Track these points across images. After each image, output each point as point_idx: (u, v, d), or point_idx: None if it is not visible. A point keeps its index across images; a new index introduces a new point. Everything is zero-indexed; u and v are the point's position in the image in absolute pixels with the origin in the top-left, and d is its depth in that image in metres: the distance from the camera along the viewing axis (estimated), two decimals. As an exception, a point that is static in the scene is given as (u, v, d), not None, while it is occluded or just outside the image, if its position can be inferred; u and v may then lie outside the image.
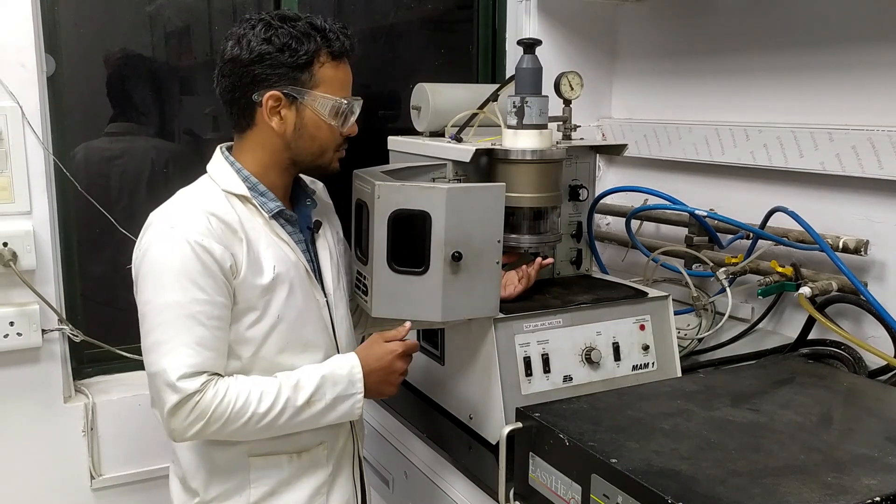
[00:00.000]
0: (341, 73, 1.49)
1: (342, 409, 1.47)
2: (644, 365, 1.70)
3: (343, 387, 1.46)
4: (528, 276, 1.68)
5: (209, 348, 1.38)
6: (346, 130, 1.51)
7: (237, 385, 1.39)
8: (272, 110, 1.45)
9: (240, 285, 1.42)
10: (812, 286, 1.77)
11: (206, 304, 1.38)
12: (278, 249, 1.48)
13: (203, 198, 1.46)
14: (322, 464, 1.57)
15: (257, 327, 1.45)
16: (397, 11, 2.53)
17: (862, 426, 1.34)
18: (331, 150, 1.52)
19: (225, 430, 1.39)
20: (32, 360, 1.98)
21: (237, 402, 1.38)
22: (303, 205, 1.60)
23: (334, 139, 1.51)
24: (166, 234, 1.40)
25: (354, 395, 1.47)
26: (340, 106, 1.48)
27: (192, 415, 1.36)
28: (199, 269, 1.37)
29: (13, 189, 1.89)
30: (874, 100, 1.80)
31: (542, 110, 1.67)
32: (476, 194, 1.50)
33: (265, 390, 1.40)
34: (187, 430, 1.37)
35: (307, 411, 1.43)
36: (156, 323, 1.38)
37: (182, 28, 2.29)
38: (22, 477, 2.02)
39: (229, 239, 1.42)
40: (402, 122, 2.38)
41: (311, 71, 1.45)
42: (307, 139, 1.48)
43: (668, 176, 2.32)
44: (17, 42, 1.86)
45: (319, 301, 1.55)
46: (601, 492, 1.18)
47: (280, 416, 1.41)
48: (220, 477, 1.51)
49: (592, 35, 2.52)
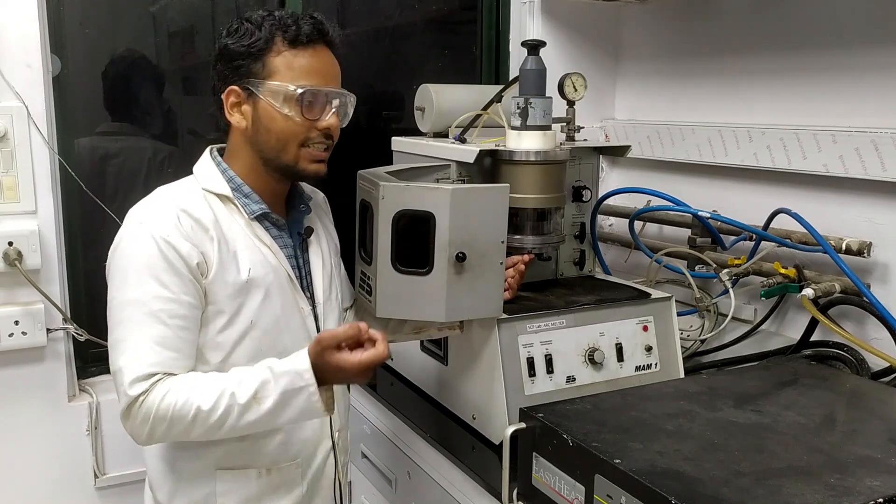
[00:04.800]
0: (301, 60, 1.40)
1: (298, 405, 1.33)
2: (647, 366, 1.70)
3: (289, 379, 1.33)
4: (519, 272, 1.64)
5: (169, 348, 1.33)
6: (322, 123, 1.42)
7: (179, 383, 1.32)
8: (233, 107, 1.43)
9: (210, 285, 1.38)
10: (815, 288, 1.77)
11: (168, 303, 1.33)
12: (256, 252, 1.44)
13: (177, 195, 1.43)
14: (296, 483, 1.51)
15: (228, 332, 1.41)
16: (401, 12, 2.53)
17: (865, 428, 1.34)
18: (293, 145, 1.42)
19: (173, 430, 1.32)
20: (37, 359, 1.99)
21: (178, 401, 1.30)
22: (296, 210, 1.56)
23: (294, 131, 1.41)
24: (135, 230, 1.37)
25: (305, 387, 1.33)
26: (293, 93, 1.38)
27: (139, 417, 1.31)
28: (164, 267, 1.33)
29: (18, 188, 1.90)
30: (877, 102, 1.80)
31: (545, 111, 1.67)
32: (480, 195, 1.51)
33: (207, 388, 1.32)
34: (140, 432, 1.32)
35: (256, 408, 1.32)
36: (118, 320, 1.35)
37: (186, 28, 2.29)
38: (26, 475, 2.03)
39: (199, 237, 1.38)
40: (405, 123, 2.38)
41: (265, 60, 1.40)
42: (264, 133, 1.42)
43: (672, 177, 2.32)
44: (22, 42, 1.87)
45: (304, 309, 1.50)
46: (605, 492, 1.19)
47: (228, 412, 1.31)
48: (185, 489, 1.47)
49: (596, 36, 2.52)
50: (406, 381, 1.99)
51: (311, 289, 1.54)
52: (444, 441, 1.75)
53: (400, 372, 2.04)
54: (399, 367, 2.05)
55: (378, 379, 2.09)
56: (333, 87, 1.45)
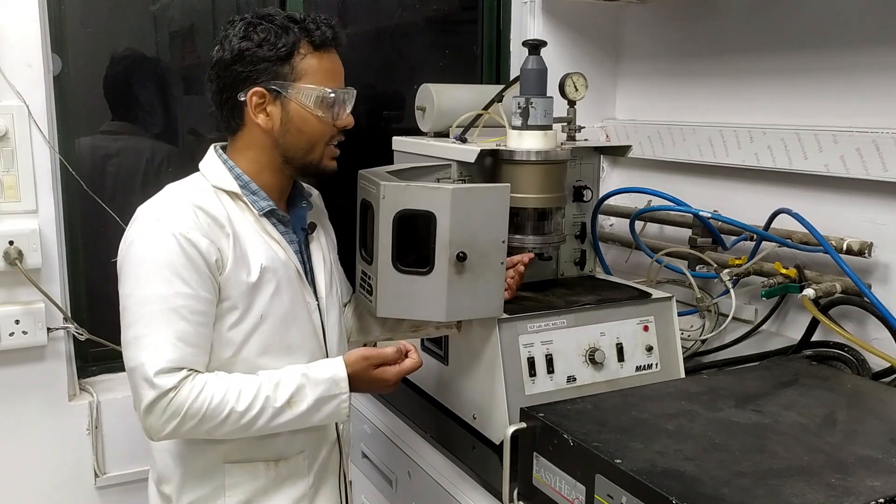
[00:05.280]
0: (326, 63, 1.46)
1: (327, 410, 1.42)
2: (647, 366, 1.70)
3: (325, 387, 1.42)
4: (519, 273, 1.65)
5: (190, 344, 1.35)
6: (341, 122, 1.49)
7: (215, 381, 1.36)
8: (257, 107, 1.44)
9: (225, 281, 1.40)
10: (816, 288, 1.77)
11: (189, 299, 1.35)
12: (267, 247, 1.46)
13: (191, 192, 1.45)
14: (302, 474, 1.53)
15: (239, 328, 1.43)
16: (402, 12, 2.53)
17: (866, 428, 1.34)
18: (321, 145, 1.48)
19: (201, 427, 1.35)
20: (37, 358, 1.99)
21: (213, 398, 1.34)
22: (298, 206, 1.58)
23: (324, 132, 1.47)
24: (152, 226, 1.38)
25: (339, 395, 1.43)
26: (326, 95, 1.45)
27: (168, 412, 1.32)
28: (184, 263, 1.35)
29: (19, 188, 1.90)
30: (878, 102, 1.80)
31: (546, 111, 1.67)
32: (481, 195, 1.51)
33: (244, 388, 1.36)
34: (163, 427, 1.34)
35: (288, 412, 1.39)
36: (137, 316, 1.35)
37: (186, 27, 2.29)
38: (26, 475, 2.03)
39: (216, 233, 1.40)
40: (406, 123, 2.38)
41: (293, 63, 1.43)
42: (294, 133, 1.46)
43: (672, 177, 2.32)
44: (23, 41, 1.87)
45: (310, 304, 1.52)
46: (605, 492, 1.19)
47: (260, 415, 1.36)
48: (194, 482, 1.48)
49: (597, 36, 2.52)
50: (406, 381, 1.99)
51: (315, 284, 1.56)
52: (445, 441, 1.75)
53: (400, 372, 2.04)
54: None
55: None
56: (349, 87, 1.51)
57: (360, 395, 2.11)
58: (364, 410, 2.12)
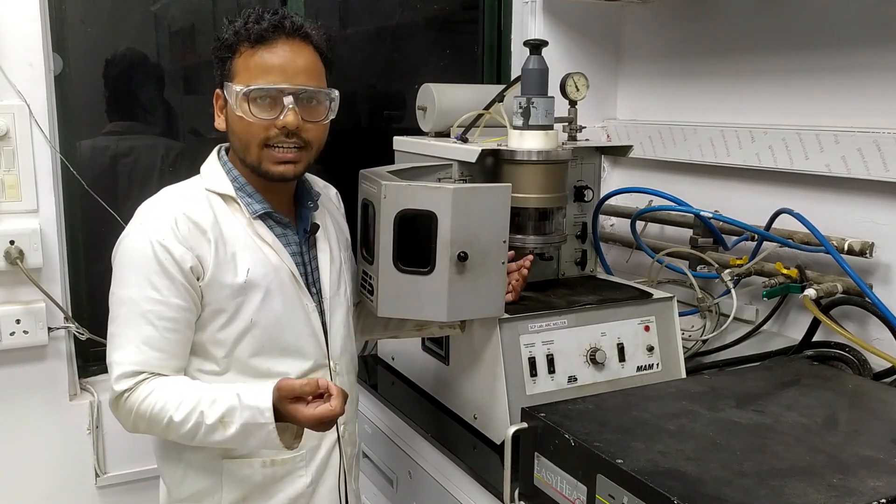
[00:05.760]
0: (257, 59, 1.38)
1: (258, 437, 1.34)
2: (649, 366, 1.70)
3: (250, 414, 1.33)
4: (522, 276, 1.65)
5: (155, 348, 1.37)
6: (279, 122, 1.38)
7: (163, 388, 1.36)
8: (220, 110, 1.46)
9: (207, 287, 1.39)
10: (817, 288, 1.77)
11: (157, 304, 1.36)
12: (257, 251, 1.44)
13: (180, 197, 1.44)
14: (299, 473, 1.52)
15: (228, 330, 1.42)
16: (403, 12, 2.53)
17: (867, 428, 1.34)
18: (253, 146, 1.40)
19: (153, 430, 1.39)
20: (38, 357, 1.99)
21: (156, 405, 1.35)
22: (304, 207, 1.56)
23: (251, 132, 1.39)
24: (135, 230, 1.41)
25: (265, 424, 1.32)
26: (248, 93, 1.37)
27: (123, 410, 1.39)
28: (156, 269, 1.36)
29: (20, 187, 1.90)
30: (880, 102, 1.80)
31: (547, 111, 1.67)
32: (482, 195, 1.51)
33: (185, 398, 1.35)
34: (125, 424, 1.41)
35: (221, 431, 1.34)
36: (113, 315, 1.41)
37: (187, 27, 2.29)
38: (27, 474, 2.03)
39: (195, 240, 1.39)
40: (407, 123, 2.38)
41: (232, 62, 1.41)
42: (231, 135, 1.45)
43: (673, 177, 2.32)
44: (24, 41, 1.87)
45: (308, 306, 1.50)
46: (607, 492, 1.19)
47: (197, 428, 1.34)
48: (192, 477, 1.49)
49: (597, 36, 2.52)
50: (407, 381, 1.99)
51: (318, 285, 1.54)
52: (446, 441, 1.75)
53: (401, 371, 2.04)
54: (400, 367, 2.05)
55: (379, 378, 2.09)
56: (300, 83, 1.39)
57: (361, 394, 2.11)
58: (364, 410, 2.12)
